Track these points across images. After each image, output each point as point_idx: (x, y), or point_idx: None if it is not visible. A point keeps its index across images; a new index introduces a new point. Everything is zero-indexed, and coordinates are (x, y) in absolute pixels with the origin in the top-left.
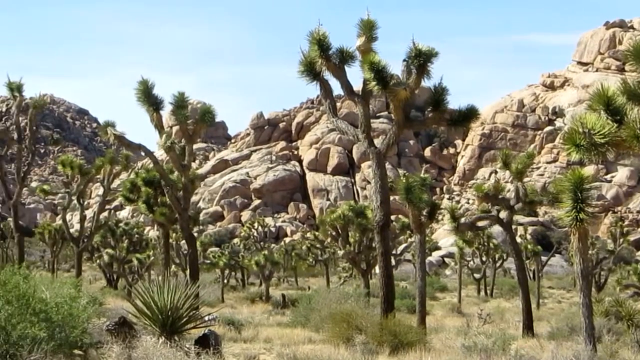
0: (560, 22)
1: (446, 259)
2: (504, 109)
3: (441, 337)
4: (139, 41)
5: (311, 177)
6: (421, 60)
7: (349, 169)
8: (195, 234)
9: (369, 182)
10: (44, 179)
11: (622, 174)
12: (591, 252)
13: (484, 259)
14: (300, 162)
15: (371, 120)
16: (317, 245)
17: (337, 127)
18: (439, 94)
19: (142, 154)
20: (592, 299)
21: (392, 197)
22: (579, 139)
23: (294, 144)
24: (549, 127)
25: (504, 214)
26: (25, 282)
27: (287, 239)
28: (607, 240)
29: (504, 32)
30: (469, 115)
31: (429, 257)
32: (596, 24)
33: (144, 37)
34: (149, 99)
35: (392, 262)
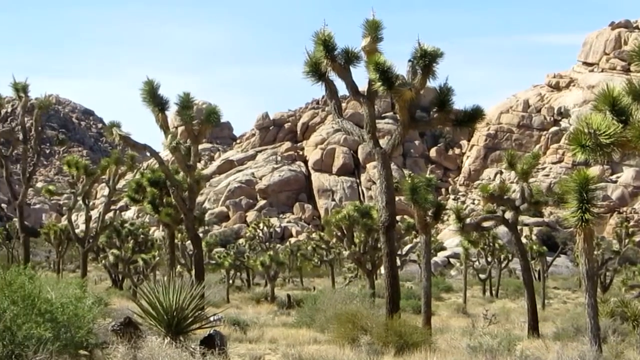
0: (565, 22)
1: (451, 260)
2: (510, 109)
3: (446, 338)
4: (144, 42)
5: (316, 178)
6: (426, 60)
7: (354, 169)
8: (200, 235)
9: (375, 183)
10: (49, 179)
11: (627, 175)
12: (596, 252)
13: (490, 259)
14: (305, 162)
15: (376, 120)
16: (323, 245)
17: (342, 128)
18: (444, 95)
19: (148, 154)
20: (598, 300)
21: (397, 198)
22: (584, 139)
23: (299, 144)
24: (554, 128)
25: (509, 215)
26: (30, 282)
27: (293, 240)
28: (613, 240)
29: (509, 33)
30: (474, 115)
31: (434, 258)
32: (601, 24)
33: (150, 38)
34: (155, 99)
35: (398, 262)
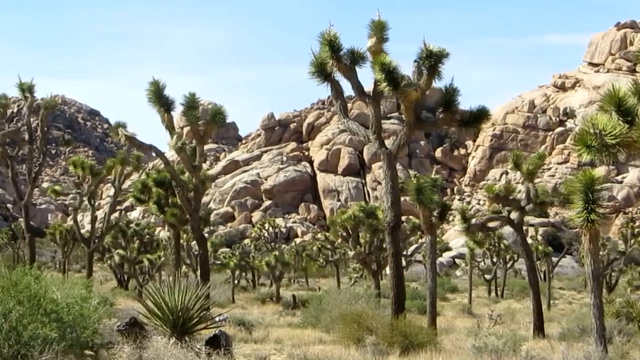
0: (571, 23)
1: (457, 260)
2: (515, 109)
3: (452, 338)
4: (150, 42)
5: (322, 178)
6: (432, 61)
7: (359, 169)
8: (206, 235)
9: (380, 183)
10: (55, 179)
11: (633, 175)
12: (602, 253)
13: (495, 259)
14: (311, 162)
15: (382, 121)
16: (328, 246)
17: (348, 128)
18: (450, 95)
19: (153, 154)
20: (603, 300)
21: (403, 198)
22: (590, 139)
23: (305, 144)
24: (559, 128)
25: (514, 215)
26: (36, 282)
27: (298, 240)
28: (618, 241)
29: (515, 33)
30: (479, 116)
31: (440, 258)
32: (607, 24)
33: (155, 38)
34: (160, 99)
35: (403, 263)
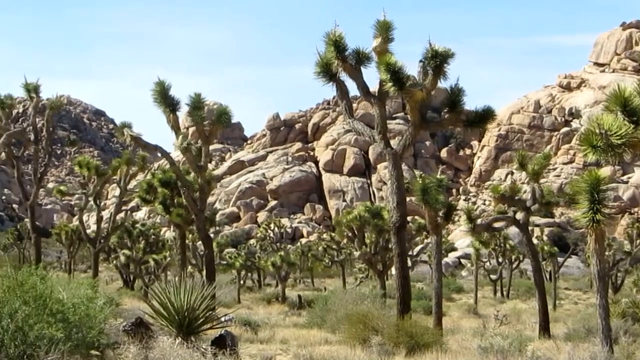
0: (576, 23)
1: (462, 260)
2: (520, 110)
3: (457, 339)
4: (156, 42)
5: (327, 178)
6: (437, 61)
7: (365, 170)
8: (211, 235)
9: (385, 183)
10: (60, 180)
11: (638, 175)
12: (608, 253)
13: (500, 260)
14: (316, 163)
15: (387, 121)
16: (333, 246)
17: (353, 128)
18: (455, 95)
19: (159, 155)
20: (609, 301)
21: (408, 198)
22: (595, 140)
23: (310, 145)
24: (565, 128)
25: (520, 215)
26: (42, 282)
27: (303, 240)
28: (624, 241)
29: (520, 33)
30: (485, 116)
31: (445, 258)
32: (613, 24)
33: (161, 38)
34: (166, 100)
35: (409, 263)
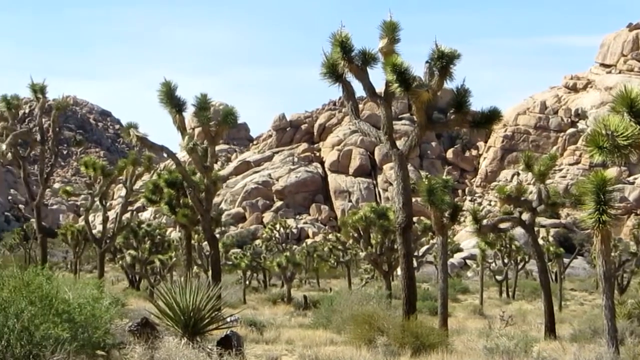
0: (583, 24)
1: (468, 261)
2: (527, 110)
3: (463, 339)
4: (162, 43)
5: (333, 179)
6: (444, 62)
7: (371, 170)
8: (217, 235)
9: (391, 184)
10: (66, 180)
11: None
12: (614, 254)
13: (506, 260)
14: (322, 163)
15: (393, 122)
16: (339, 246)
17: (359, 129)
18: (461, 96)
19: (165, 155)
20: (615, 302)
21: (414, 199)
22: (601, 140)
23: (316, 145)
24: (571, 129)
25: (526, 216)
26: (48, 282)
27: (309, 241)
28: (630, 242)
29: (527, 34)
30: (491, 117)
31: (451, 259)
32: (619, 25)
33: (167, 39)
34: (172, 100)
35: (414, 263)
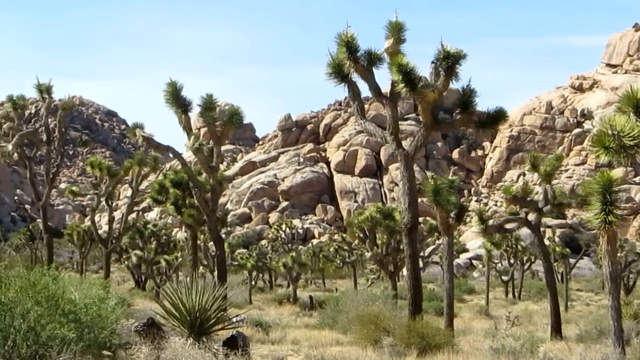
0: (589, 24)
1: (474, 261)
2: (532, 111)
3: (469, 340)
4: (167, 43)
5: (339, 179)
6: (449, 62)
7: (376, 170)
8: (223, 236)
9: (397, 184)
10: (72, 180)
11: None
12: (620, 254)
13: (512, 261)
14: (327, 163)
15: (399, 122)
16: (345, 247)
17: (365, 129)
18: (467, 96)
19: (171, 155)
20: (621, 302)
21: (420, 199)
22: (608, 141)
23: (322, 145)
24: (577, 130)
25: (532, 217)
26: (54, 283)
27: (315, 241)
28: (636, 242)
29: (533, 34)
30: (497, 117)
31: (457, 259)
32: (625, 25)
33: (173, 39)
34: (178, 100)
35: (420, 264)
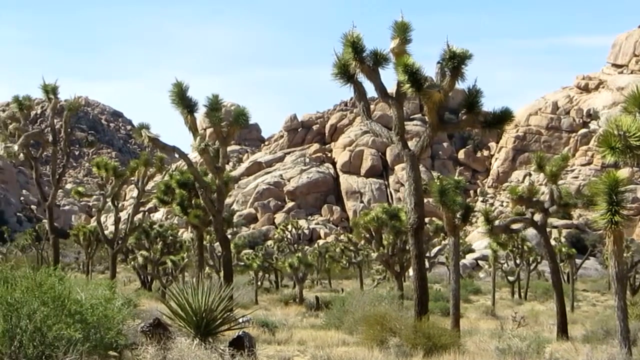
0: (595, 24)
1: (480, 262)
2: (538, 111)
3: (475, 340)
4: (173, 43)
5: (345, 180)
6: (455, 62)
7: (382, 171)
8: (229, 236)
9: (403, 185)
10: (78, 181)
11: None
12: (626, 254)
13: (518, 261)
14: (333, 164)
15: (405, 122)
16: (351, 247)
17: (370, 130)
18: (473, 96)
19: (176, 156)
20: (627, 302)
21: (426, 200)
22: (613, 141)
23: (328, 146)
24: (583, 130)
25: (538, 217)
26: (60, 283)
27: (321, 241)
28: None
29: (539, 34)
30: (503, 117)
31: (463, 260)
32: (631, 25)
33: (178, 40)
34: (183, 101)
35: (426, 264)
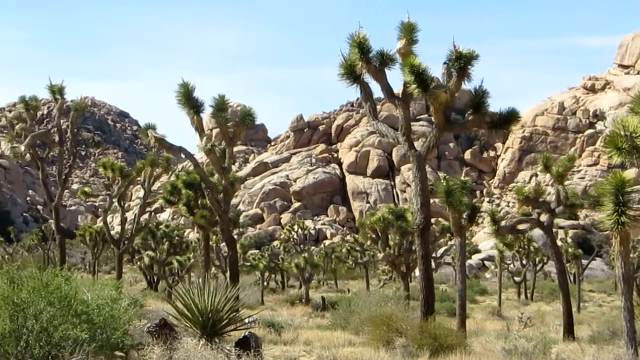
0: (601, 24)
1: (486, 262)
2: (545, 111)
3: (481, 341)
4: (179, 44)
5: (351, 180)
6: (462, 62)
7: (388, 171)
8: (235, 237)
9: (409, 185)
10: (85, 181)
11: None
12: (632, 255)
13: (524, 262)
14: (340, 164)
15: (411, 123)
16: (357, 247)
17: (377, 130)
18: (479, 97)
19: (183, 156)
20: (634, 303)
21: (432, 200)
22: (620, 141)
23: (334, 146)
24: (589, 130)
25: (544, 217)
26: (67, 283)
27: (327, 242)
28: None
29: (545, 35)
30: (509, 118)
31: (469, 260)
32: (638, 26)
33: (185, 40)
34: (190, 101)
35: (432, 265)
